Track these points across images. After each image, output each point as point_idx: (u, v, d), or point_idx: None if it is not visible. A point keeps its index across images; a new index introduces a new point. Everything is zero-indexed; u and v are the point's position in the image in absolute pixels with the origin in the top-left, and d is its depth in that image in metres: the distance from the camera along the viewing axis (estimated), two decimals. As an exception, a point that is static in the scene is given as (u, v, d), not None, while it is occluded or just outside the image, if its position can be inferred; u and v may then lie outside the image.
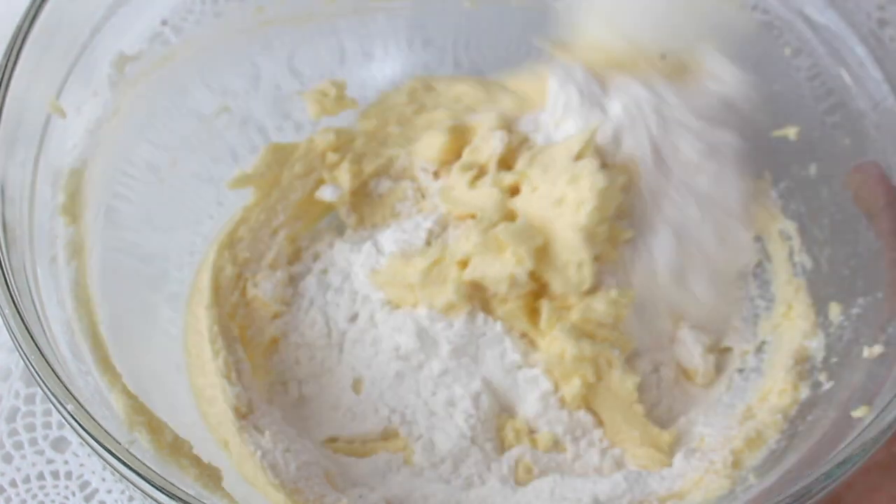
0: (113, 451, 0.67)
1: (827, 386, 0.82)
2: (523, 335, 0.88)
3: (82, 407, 0.68)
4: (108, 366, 0.78)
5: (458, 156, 0.94)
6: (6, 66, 0.79)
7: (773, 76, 0.93)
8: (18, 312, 0.71)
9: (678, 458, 0.83)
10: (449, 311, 0.87)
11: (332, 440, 0.87)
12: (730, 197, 0.89)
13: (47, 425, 0.89)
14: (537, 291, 0.87)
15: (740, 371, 0.90)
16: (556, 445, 0.85)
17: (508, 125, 0.93)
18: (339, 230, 0.98)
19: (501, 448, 0.86)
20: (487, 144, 0.92)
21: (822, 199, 0.91)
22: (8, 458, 0.87)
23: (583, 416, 0.86)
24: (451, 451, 0.84)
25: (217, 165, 0.96)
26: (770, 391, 0.85)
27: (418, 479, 0.84)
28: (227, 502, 0.72)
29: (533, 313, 0.87)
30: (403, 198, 0.97)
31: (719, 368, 0.91)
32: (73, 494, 0.86)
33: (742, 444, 0.82)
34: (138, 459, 0.67)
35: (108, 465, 0.68)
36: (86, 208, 0.84)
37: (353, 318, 0.90)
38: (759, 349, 0.90)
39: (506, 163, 0.92)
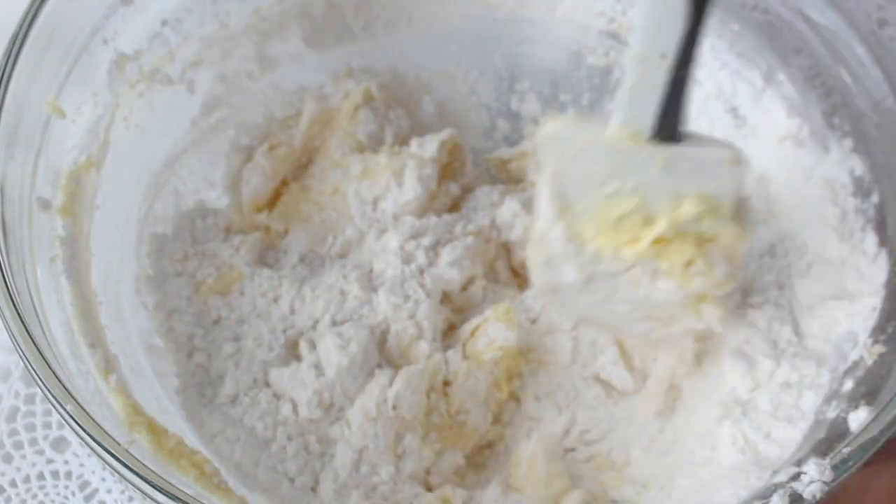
0: (112, 451, 0.67)
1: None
2: None
3: (82, 407, 0.68)
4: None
5: None
6: (6, 66, 0.79)
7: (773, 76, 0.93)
8: (18, 312, 0.71)
9: None
10: None
11: None
12: None
13: (47, 425, 0.89)
14: None
15: None
16: None
17: None
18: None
19: None
20: None
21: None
22: (8, 458, 0.87)
23: None
24: None
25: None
26: None
27: None
28: (226, 502, 0.73)
29: None
30: None
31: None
32: (73, 494, 0.86)
33: None
34: (138, 460, 0.67)
35: (107, 466, 0.68)
36: (86, 208, 0.84)
37: None
38: None
39: None
